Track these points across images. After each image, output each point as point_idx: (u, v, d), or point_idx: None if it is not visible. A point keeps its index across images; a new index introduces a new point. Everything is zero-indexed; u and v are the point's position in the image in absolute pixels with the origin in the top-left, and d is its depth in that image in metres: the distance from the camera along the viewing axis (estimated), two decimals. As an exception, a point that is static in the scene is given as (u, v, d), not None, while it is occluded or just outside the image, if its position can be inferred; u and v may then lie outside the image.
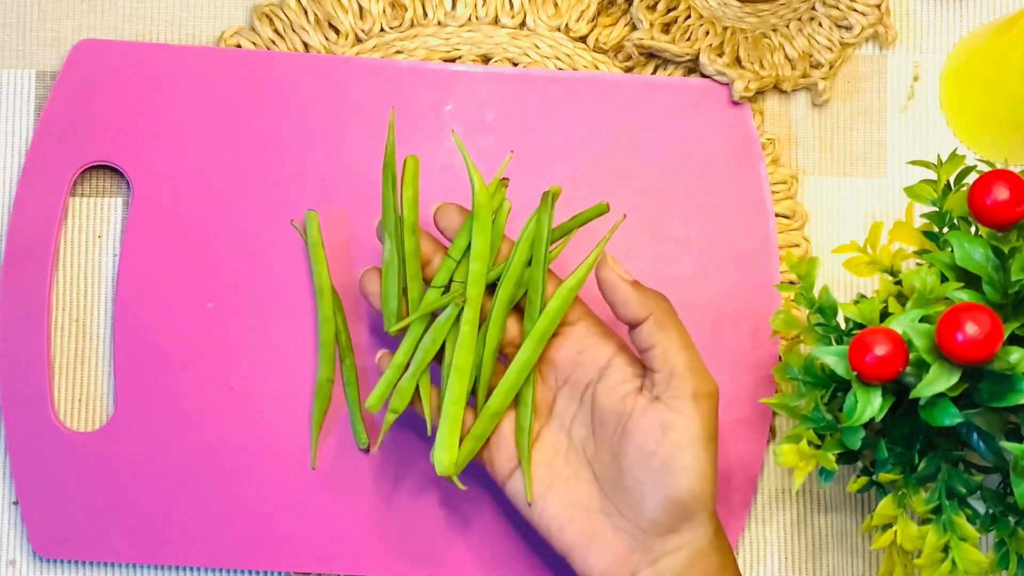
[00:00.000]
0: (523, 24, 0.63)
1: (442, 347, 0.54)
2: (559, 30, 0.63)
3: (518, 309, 0.56)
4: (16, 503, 0.59)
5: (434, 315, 0.54)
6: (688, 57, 0.61)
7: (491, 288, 0.55)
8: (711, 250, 0.61)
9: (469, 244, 0.54)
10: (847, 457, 0.54)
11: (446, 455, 0.53)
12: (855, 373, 0.50)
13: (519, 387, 0.54)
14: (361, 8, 0.62)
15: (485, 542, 0.59)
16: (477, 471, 0.57)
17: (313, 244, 0.59)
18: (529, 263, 0.54)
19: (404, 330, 0.54)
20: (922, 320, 0.49)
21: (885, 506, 0.53)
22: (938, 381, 0.48)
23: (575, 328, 0.55)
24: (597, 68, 0.62)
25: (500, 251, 0.55)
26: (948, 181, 0.55)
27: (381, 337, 0.60)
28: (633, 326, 0.53)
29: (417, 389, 0.54)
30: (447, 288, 0.54)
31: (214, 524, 0.59)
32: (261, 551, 0.59)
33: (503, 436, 0.54)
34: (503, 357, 0.56)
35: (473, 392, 0.55)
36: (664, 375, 0.52)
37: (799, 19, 0.63)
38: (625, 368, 0.54)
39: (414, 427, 0.59)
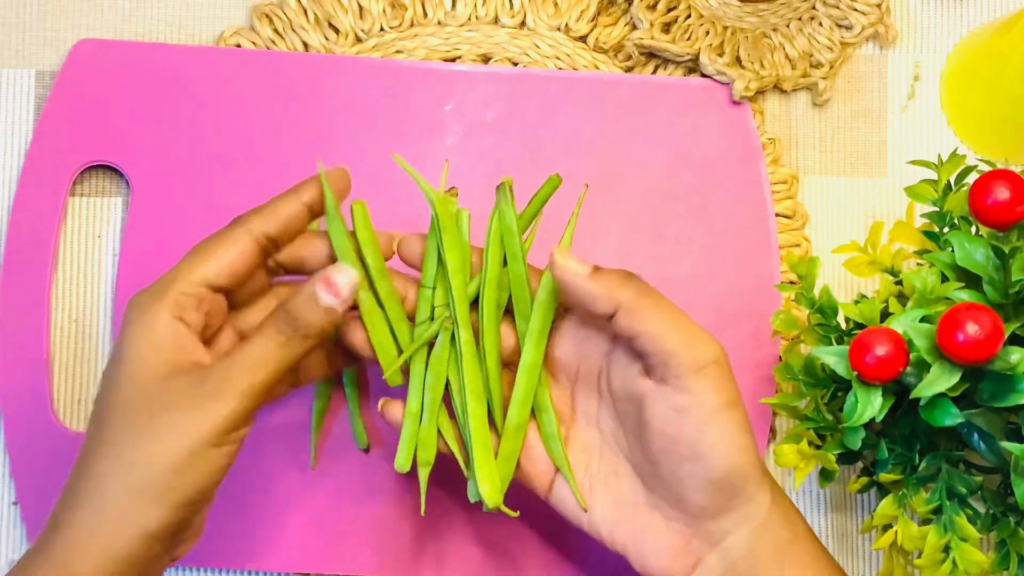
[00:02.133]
0: (523, 24, 0.63)
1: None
2: (559, 30, 0.63)
3: (508, 315, 0.53)
4: (16, 503, 0.59)
5: (429, 350, 0.52)
6: (688, 57, 0.61)
7: (476, 304, 0.52)
8: (711, 250, 0.61)
9: (439, 267, 0.52)
10: (847, 457, 0.54)
11: (490, 485, 0.50)
12: (855, 373, 0.49)
13: (534, 392, 0.51)
14: (361, 8, 0.62)
15: (486, 542, 0.59)
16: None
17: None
18: (505, 263, 0.52)
19: (406, 376, 0.52)
20: (923, 320, 0.49)
21: (885, 506, 0.53)
22: (938, 381, 0.48)
23: (568, 319, 0.53)
24: (597, 68, 0.62)
25: (472, 262, 0.52)
26: (948, 181, 0.55)
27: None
28: (608, 319, 0.49)
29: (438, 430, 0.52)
30: (432, 319, 0.52)
31: (214, 524, 0.58)
32: (261, 551, 0.59)
33: (532, 448, 0.52)
34: (509, 369, 0.53)
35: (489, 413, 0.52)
36: (659, 359, 0.48)
37: (799, 19, 0.63)
38: (628, 349, 0.50)
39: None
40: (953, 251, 0.50)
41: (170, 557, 0.48)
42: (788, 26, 0.63)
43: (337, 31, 0.62)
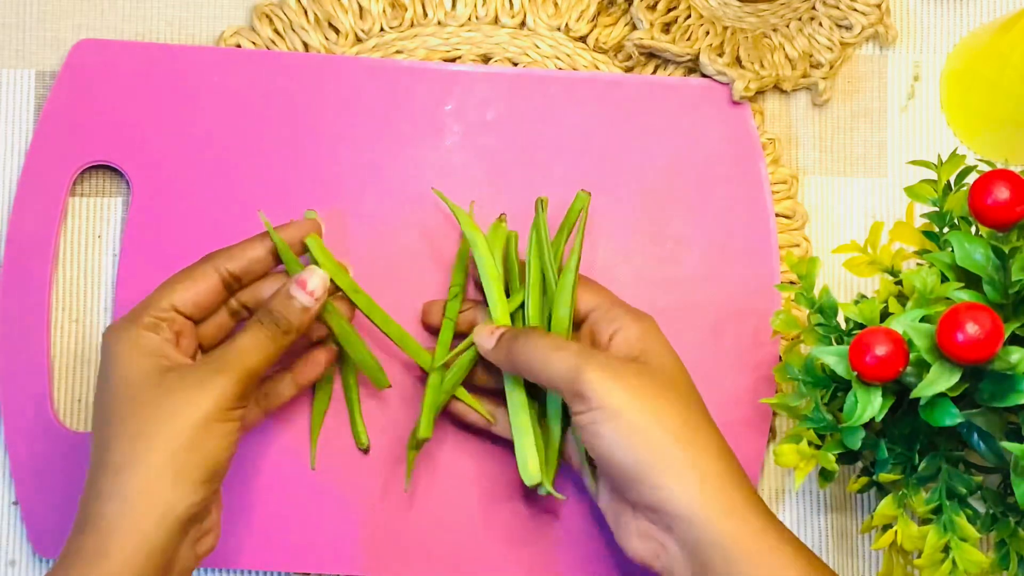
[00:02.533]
0: (523, 24, 0.62)
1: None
2: (559, 30, 0.63)
3: None
4: (16, 503, 0.59)
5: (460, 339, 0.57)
6: (688, 57, 0.61)
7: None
8: (711, 250, 0.61)
9: (464, 278, 0.58)
10: (847, 457, 0.54)
11: (529, 462, 0.54)
12: (855, 373, 0.49)
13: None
14: (361, 8, 0.62)
15: (484, 542, 0.59)
16: (484, 472, 0.57)
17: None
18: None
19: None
20: (922, 320, 0.49)
21: (885, 506, 0.53)
22: (938, 381, 0.48)
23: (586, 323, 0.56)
24: (597, 68, 0.62)
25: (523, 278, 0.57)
26: (948, 181, 0.55)
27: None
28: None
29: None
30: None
31: (214, 524, 0.59)
32: (261, 551, 0.59)
33: (569, 434, 0.56)
34: None
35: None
36: (558, 394, 0.53)
37: (799, 19, 0.63)
38: None
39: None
40: (953, 251, 0.50)
41: (195, 554, 0.50)
42: (788, 26, 0.63)
43: (337, 31, 0.62)
